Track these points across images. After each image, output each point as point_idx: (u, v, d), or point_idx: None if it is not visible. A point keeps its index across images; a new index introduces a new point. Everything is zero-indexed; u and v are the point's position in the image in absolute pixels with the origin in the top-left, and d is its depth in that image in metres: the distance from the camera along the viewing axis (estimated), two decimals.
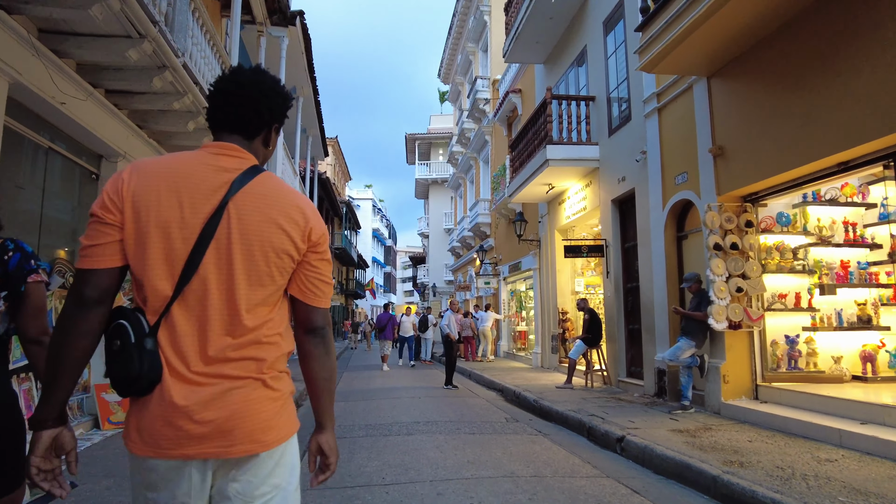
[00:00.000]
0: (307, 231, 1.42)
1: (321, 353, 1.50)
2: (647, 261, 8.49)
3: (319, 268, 1.47)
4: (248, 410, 1.32)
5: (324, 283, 1.48)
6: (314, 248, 1.44)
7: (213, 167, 1.37)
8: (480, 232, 20.05)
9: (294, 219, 1.40)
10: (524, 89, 15.71)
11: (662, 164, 8.15)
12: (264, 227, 1.36)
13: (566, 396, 8.46)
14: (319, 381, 1.52)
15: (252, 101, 1.44)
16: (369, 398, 9.32)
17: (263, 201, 1.37)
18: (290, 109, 1.59)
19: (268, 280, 1.37)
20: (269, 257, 1.36)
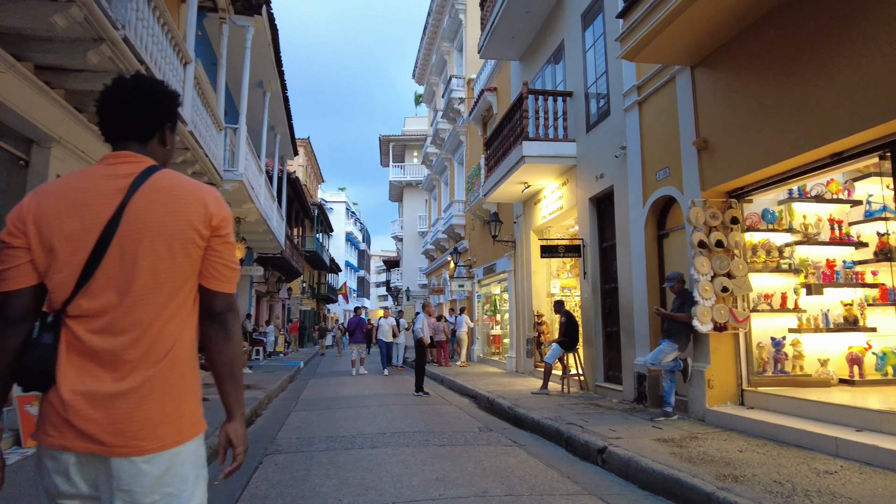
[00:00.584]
0: (208, 217, 1.44)
1: (221, 337, 1.50)
2: (627, 260, 8.13)
3: (222, 251, 1.48)
4: (139, 412, 1.33)
5: (226, 268, 1.49)
6: (217, 233, 1.46)
7: (110, 176, 1.43)
8: (454, 234, 19.62)
9: (194, 207, 1.43)
10: (499, 87, 15.35)
11: (643, 159, 7.81)
12: (165, 220, 1.39)
13: (542, 403, 8.03)
14: (220, 365, 1.51)
15: (136, 106, 1.50)
16: (334, 407, 8.76)
17: (161, 196, 1.42)
18: (178, 107, 1.62)
19: (174, 270, 1.40)
20: (174, 249, 1.39)
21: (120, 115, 1.49)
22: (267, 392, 9.87)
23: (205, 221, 1.44)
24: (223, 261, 1.48)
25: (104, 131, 1.53)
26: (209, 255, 1.46)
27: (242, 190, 11.11)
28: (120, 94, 1.49)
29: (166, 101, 1.56)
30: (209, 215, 1.44)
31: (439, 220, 22.04)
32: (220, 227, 1.47)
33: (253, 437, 6.42)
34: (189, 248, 1.41)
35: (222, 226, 1.48)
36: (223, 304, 1.49)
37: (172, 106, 1.58)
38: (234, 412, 1.53)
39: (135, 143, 1.51)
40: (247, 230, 14.19)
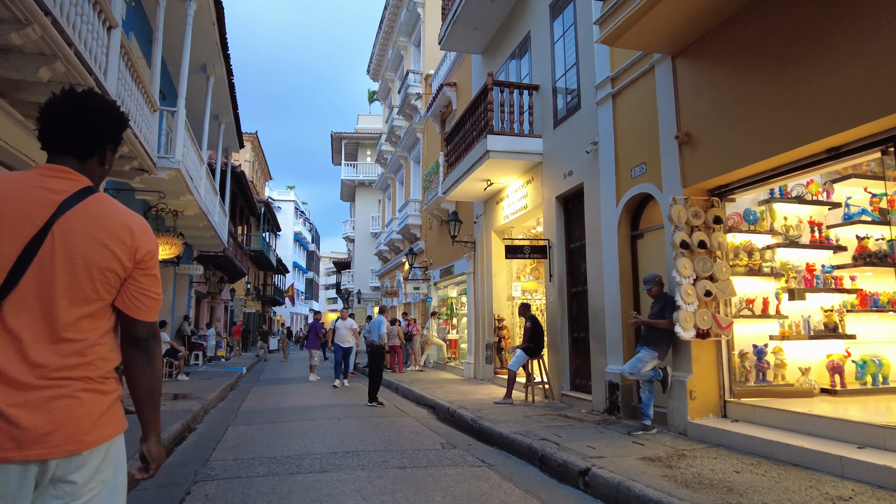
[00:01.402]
0: (133, 249, 1.49)
1: (143, 363, 1.57)
2: (597, 262, 7.67)
3: (144, 283, 1.54)
4: (70, 415, 1.39)
5: (148, 298, 1.55)
6: (140, 265, 1.52)
7: (42, 188, 1.43)
8: (410, 234, 18.91)
9: (121, 238, 1.48)
10: (459, 83, 14.79)
11: (617, 155, 7.37)
12: (90, 246, 1.43)
13: (508, 414, 7.45)
14: (140, 390, 1.57)
15: (82, 125, 1.51)
16: (278, 420, 7.90)
17: (91, 222, 1.45)
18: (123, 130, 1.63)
19: (93, 296, 1.45)
20: (94, 275, 1.44)
21: (64, 131, 1.50)
22: (203, 403, 8.89)
23: (129, 254, 1.48)
24: (145, 292, 1.54)
25: (43, 142, 1.52)
26: (131, 286, 1.51)
27: (179, 180, 10.08)
28: (68, 110, 1.49)
29: (115, 125, 1.58)
30: (134, 247, 1.49)
31: (394, 221, 21.29)
32: (143, 259, 1.52)
33: (182, 459, 5.55)
34: (108, 276, 1.46)
35: (146, 259, 1.52)
36: (144, 332, 1.55)
37: (119, 129, 1.60)
38: (149, 432, 1.62)
39: (73, 159, 1.52)
40: (185, 225, 13.01)
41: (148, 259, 1.52)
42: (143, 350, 1.56)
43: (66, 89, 1.53)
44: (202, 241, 16.25)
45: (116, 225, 1.47)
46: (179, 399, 9.37)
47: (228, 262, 20.67)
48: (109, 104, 1.57)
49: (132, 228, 1.50)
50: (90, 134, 1.52)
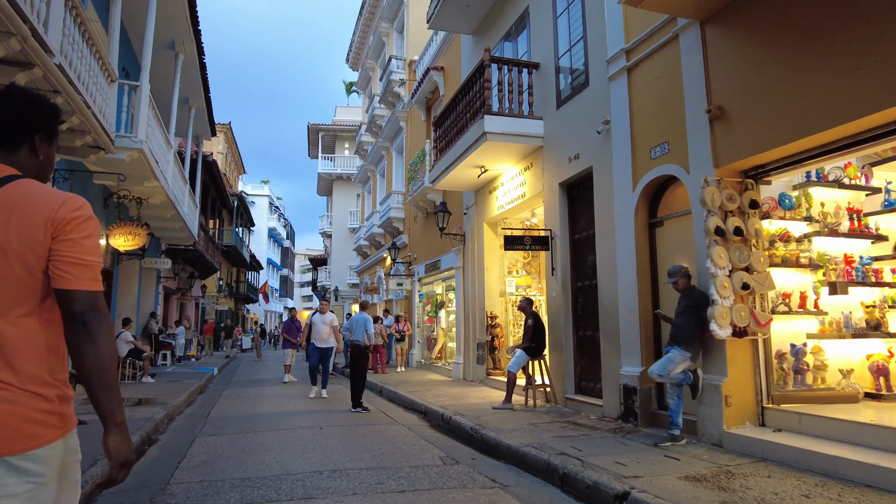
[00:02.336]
0: (50, 220, 1.42)
1: (84, 340, 1.43)
2: (610, 254, 6.98)
3: (65, 249, 1.43)
4: None
5: (72, 264, 1.43)
6: (58, 233, 1.43)
7: None
8: (392, 228, 18.05)
9: (41, 216, 1.41)
10: (447, 67, 14.00)
11: (633, 134, 6.67)
12: (11, 228, 1.38)
13: (511, 421, 6.71)
14: (87, 373, 1.43)
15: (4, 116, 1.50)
16: (251, 429, 7.02)
17: (13, 206, 1.40)
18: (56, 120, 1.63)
19: (15, 282, 1.39)
20: (11, 259, 1.38)
21: None
22: (168, 409, 7.95)
23: (44, 225, 1.41)
24: (66, 256, 1.43)
25: None
26: (52, 258, 1.42)
27: (143, 162, 9.08)
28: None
29: (36, 110, 1.57)
30: (52, 219, 1.42)
31: (374, 214, 20.40)
32: (60, 227, 1.43)
33: (137, 482, 4.66)
34: (29, 257, 1.40)
35: (63, 225, 1.43)
36: (80, 304, 1.43)
37: (44, 116, 1.59)
38: (108, 422, 1.46)
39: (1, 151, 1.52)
40: (151, 215, 11.94)
41: (64, 225, 1.44)
42: (82, 325, 1.43)
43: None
44: (170, 233, 15.15)
45: (37, 204, 1.43)
46: (142, 405, 8.40)
47: (199, 256, 19.53)
48: (35, 95, 1.59)
49: (53, 203, 1.44)
50: (10, 121, 1.52)
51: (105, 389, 1.44)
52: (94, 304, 1.45)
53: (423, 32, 18.25)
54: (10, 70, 5.12)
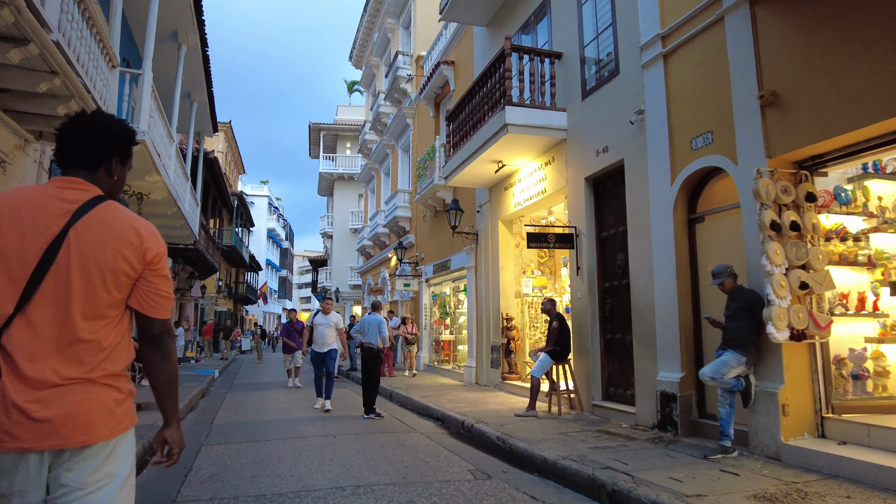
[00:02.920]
0: (142, 251, 1.61)
1: (159, 359, 1.70)
2: (644, 252, 6.56)
3: (156, 283, 1.65)
4: (82, 408, 1.49)
5: (160, 297, 1.67)
6: (150, 267, 1.63)
7: (57, 199, 1.57)
8: (398, 227, 17.61)
9: (130, 242, 1.60)
10: (458, 61, 13.58)
11: (670, 124, 6.26)
12: (102, 250, 1.56)
13: (539, 430, 6.28)
14: (159, 383, 1.71)
15: (85, 138, 1.66)
16: (260, 437, 6.57)
17: (102, 228, 1.58)
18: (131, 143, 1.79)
19: (105, 296, 1.57)
20: (106, 277, 1.56)
21: (72, 146, 1.65)
22: None
23: (138, 256, 1.60)
24: (157, 291, 1.65)
25: (58, 158, 1.68)
26: (143, 286, 1.63)
27: (144, 155, 8.64)
28: (75, 126, 1.66)
29: (116, 135, 1.72)
30: (143, 250, 1.61)
31: (379, 213, 19.95)
32: (153, 261, 1.63)
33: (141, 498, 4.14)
34: (120, 278, 1.58)
35: (155, 260, 1.64)
36: (158, 329, 1.68)
37: (121, 140, 1.73)
38: (170, 420, 1.75)
39: (83, 171, 1.66)
40: (152, 212, 11.47)
41: (157, 261, 1.64)
42: (158, 346, 1.69)
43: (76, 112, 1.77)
44: (171, 230, 14.64)
45: (126, 229, 1.60)
46: (142, 410, 7.91)
47: (200, 256, 19.06)
48: (114, 120, 1.74)
49: (140, 232, 1.62)
50: (93, 146, 1.66)
51: (171, 397, 1.73)
52: (169, 328, 1.71)
53: (431, 28, 17.86)
54: (4, 46, 4.69)
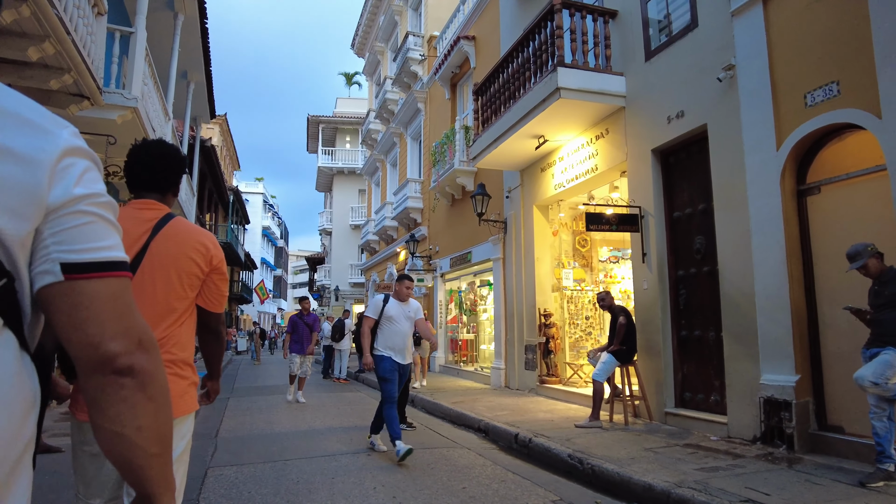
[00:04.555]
0: (209, 258, 1.96)
1: (214, 342, 2.18)
2: (739, 231, 5.50)
3: (220, 285, 2.02)
4: None
5: (220, 296, 2.04)
6: (215, 271, 1.98)
7: (139, 219, 1.88)
8: (409, 219, 16.50)
9: (199, 250, 1.93)
10: (480, 36, 12.50)
11: (773, 79, 5.21)
12: (178, 257, 1.89)
13: (617, 446, 5.21)
14: (213, 357, 2.27)
15: (162, 169, 1.98)
16: (278, 456, 5.45)
17: (176, 239, 1.90)
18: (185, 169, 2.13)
19: (181, 294, 1.90)
20: (182, 278, 1.90)
21: (147, 173, 1.96)
22: None
23: (206, 261, 1.94)
24: (218, 291, 2.02)
25: (130, 183, 1.97)
26: (208, 286, 1.99)
27: (137, 126, 7.51)
28: (149, 157, 1.96)
29: (180, 167, 2.03)
30: (210, 256, 1.95)
31: (386, 206, 18.83)
32: (217, 266, 1.99)
33: None
34: (192, 280, 1.92)
35: (219, 266, 1.99)
36: (217, 321, 2.09)
37: (184, 168, 2.07)
38: (214, 376, 2.34)
39: (156, 193, 1.97)
40: None
41: (220, 266, 1.99)
42: (215, 334, 2.14)
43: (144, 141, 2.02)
44: None
45: (195, 241, 1.93)
46: None
47: None
48: (176, 149, 2.04)
49: (206, 243, 1.96)
50: (168, 174, 1.98)
51: (219, 364, 2.29)
52: (223, 319, 2.14)
53: (443, 6, 16.81)
54: None
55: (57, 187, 0.72)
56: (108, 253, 0.77)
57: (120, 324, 0.78)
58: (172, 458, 0.90)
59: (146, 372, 0.80)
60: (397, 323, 5.54)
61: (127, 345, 0.78)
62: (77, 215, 0.74)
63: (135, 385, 0.79)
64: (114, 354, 0.76)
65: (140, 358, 0.79)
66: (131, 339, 0.79)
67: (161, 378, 0.83)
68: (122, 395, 0.78)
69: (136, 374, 0.79)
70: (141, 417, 0.80)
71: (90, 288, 0.75)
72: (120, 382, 0.78)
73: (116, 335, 0.77)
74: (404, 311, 5.66)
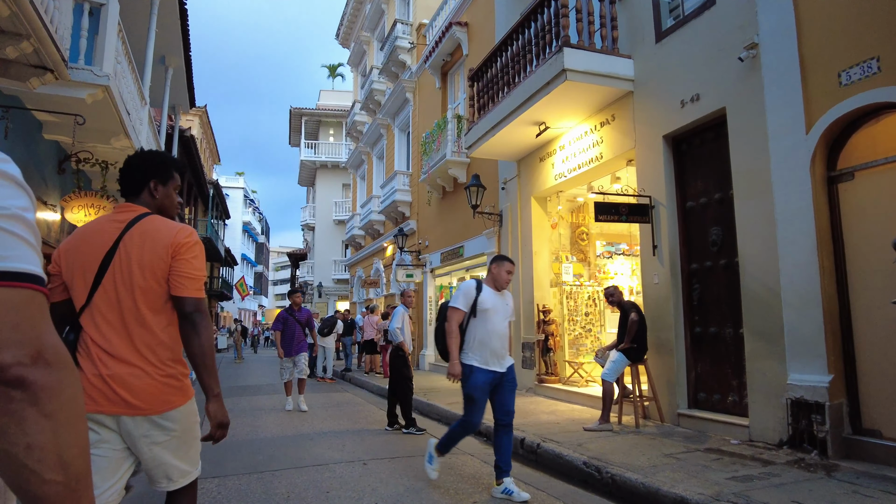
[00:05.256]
0: (170, 245, 1.95)
1: (191, 333, 1.97)
2: (762, 222, 5.15)
3: (181, 266, 1.96)
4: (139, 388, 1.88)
5: (185, 278, 1.96)
6: (176, 254, 1.96)
7: (113, 220, 2.00)
8: (397, 213, 16.01)
9: (164, 242, 1.95)
10: (473, 23, 12.06)
11: (802, 56, 4.85)
12: (143, 252, 1.94)
13: (634, 452, 4.82)
14: (193, 356, 1.99)
15: (130, 172, 2.11)
16: (265, 467, 4.97)
17: (143, 235, 1.96)
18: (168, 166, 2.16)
19: (149, 286, 1.93)
20: (146, 272, 1.93)
21: (122, 179, 2.11)
22: None
23: (167, 249, 1.95)
24: (181, 272, 1.95)
25: (121, 192, 2.13)
26: (172, 272, 1.95)
27: (109, 107, 6.94)
28: (125, 165, 2.12)
29: (150, 161, 2.12)
30: (171, 244, 1.95)
31: (373, 200, 18.30)
32: (178, 249, 1.96)
33: None
34: (157, 272, 1.94)
35: (179, 249, 1.96)
36: (189, 306, 1.96)
37: (155, 164, 2.12)
38: (208, 394, 2.01)
39: (132, 196, 2.10)
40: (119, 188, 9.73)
41: (181, 248, 1.96)
42: (190, 322, 1.96)
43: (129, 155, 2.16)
44: None
45: (162, 234, 1.96)
46: None
47: None
48: (154, 152, 2.17)
49: (173, 233, 1.98)
50: (135, 176, 2.10)
51: (206, 369, 1.99)
52: (199, 306, 1.98)
53: None
54: None
55: None
56: (8, 263, 0.75)
57: (14, 334, 0.74)
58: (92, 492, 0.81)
59: (42, 387, 0.75)
60: (494, 318, 4.06)
61: (19, 356, 0.73)
62: None
63: (26, 398, 0.74)
64: (2, 364, 0.72)
65: (35, 371, 0.74)
66: (26, 351, 0.74)
67: (67, 396, 0.77)
68: (10, 409, 0.73)
69: (27, 386, 0.74)
70: (32, 435, 0.73)
71: None
72: (9, 395, 0.73)
73: (8, 345, 0.73)
74: (503, 303, 4.17)
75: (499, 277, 4.17)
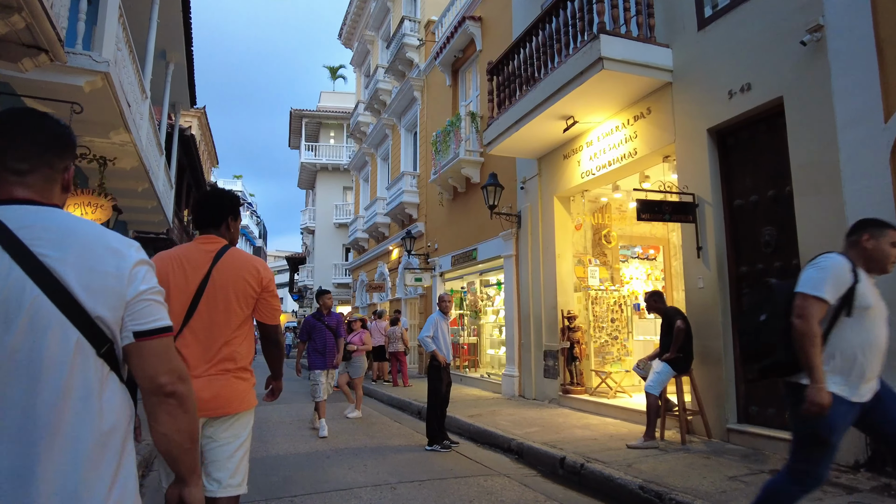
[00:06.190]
0: (260, 279, 2.42)
1: (274, 348, 2.67)
2: (828, 219, 4.69)
3: (269, 301, 2.47)
4: (224, 392, 2.29)
5: (273, 310, 2.50)
6: (266, 290, 2.45)
7: (202, 251, 2.38)
8: (404, 215, 15.51)
9: (252, 273, 2.40)
10: (487, 17, 11.62)
11: (879, 37, 4.41)
12: (234, 282, 2.36)
13: (693, 473, 4.34)
14: (274, 360, 2.73)
15: (213, 207, 2.52)
16: (282, 493, 4.46)
17: (233, 265, 2.38)
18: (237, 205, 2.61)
19: (239, 311, 2.36)
20: (239, 298, 2.36)
21: (204, 213, 2.52)
22: (142, 449, 5.30)
23: (257, 283, 2.41)
24: (270, 307, 2.48)
25: (195, 222, 2.55)
26: (261, 303, 2.45)
27: (108, 96, 6.44)
28: (205, 200, 2.54)
29: (228, 204, 2.54)
30: (260, 279, 2.42)
31: (378, 202, 17.80)
32: (266, 286, 2.45)
33: None
34: (248, 300, 2.39)
35: (268, 286, 2.45)
36: (273, 331, 2.58)
37: (231, 206, 2.55)
38: (277, 375, 2.78)
39: (213, 229, 2.49)
40: (118, 187, 9.11)
41: (269, 285, 2.46)
42: (275, 342, 2.64)
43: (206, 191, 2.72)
44: (141, 214, 12.25)
45: (248, 266, 2.40)
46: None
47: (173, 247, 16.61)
48: (226, 192, 2.60)
49: (257, 267, 2.43)
50: (216, 212, 2.50)
51: (280, 365, 2.77)
52: (279, 329, 2.61)
53: None
54: None
55: (130, 287, 1.22)
56: (158, 322, 1.27)
57: (166, 365, 1.27)
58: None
59: (183, 395, 1.29)
60: (878, 322, 2.67)
61: (171, 378, 1.27)
62: (141, 302, 1.24)
63: (176, 403, 1.28)
64: (163, 384, 1.26)
65: (179, 386, 1.28)
66: (174, 375, 1.28)
67: (192, 398, 1.32)
68: (168, 409, 1.28)
69: (176, 396, 1.28)
70: (179, 424, 1.29)
71: (149, 344, 1.26)
72: (167, 402, 1.28)
73: (165, 372, 1.27)
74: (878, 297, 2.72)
75: (880, 253, 2.70)
